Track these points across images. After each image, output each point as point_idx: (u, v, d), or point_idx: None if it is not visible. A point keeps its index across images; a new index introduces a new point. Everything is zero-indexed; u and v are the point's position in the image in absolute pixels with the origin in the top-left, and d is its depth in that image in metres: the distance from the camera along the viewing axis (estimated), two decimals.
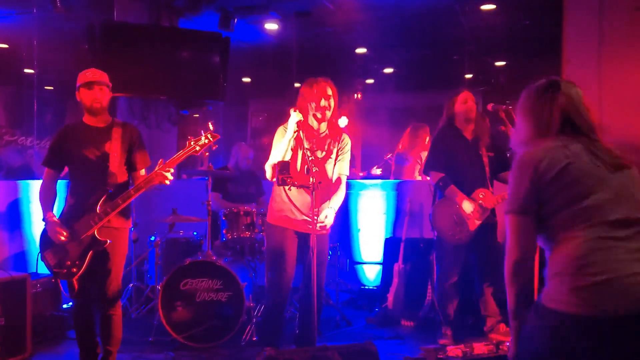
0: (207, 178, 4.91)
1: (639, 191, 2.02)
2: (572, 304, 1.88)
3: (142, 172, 3.64)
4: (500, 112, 4.16)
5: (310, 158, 3.58)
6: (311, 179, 3.41)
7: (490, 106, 4.29)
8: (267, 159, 3.73)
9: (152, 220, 5.50)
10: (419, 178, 6.42)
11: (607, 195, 1.95)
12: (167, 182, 3.42)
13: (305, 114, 3.72)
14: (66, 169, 3.64)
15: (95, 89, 3.49)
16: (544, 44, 8.40)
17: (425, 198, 5.54)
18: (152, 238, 5.16)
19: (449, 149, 4.38)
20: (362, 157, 10.04)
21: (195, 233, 5.38)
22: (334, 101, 3.76)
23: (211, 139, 3.48)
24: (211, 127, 3.59)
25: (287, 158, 3.59)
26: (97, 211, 3.38)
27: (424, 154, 6.71)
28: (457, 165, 4.35)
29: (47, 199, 3.56)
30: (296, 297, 4.64)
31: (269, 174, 3.70)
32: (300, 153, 3.73)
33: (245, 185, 5.58)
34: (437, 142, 4.49)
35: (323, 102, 3.71)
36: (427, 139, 6.63)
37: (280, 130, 3.77)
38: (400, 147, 6.90)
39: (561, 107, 2.08)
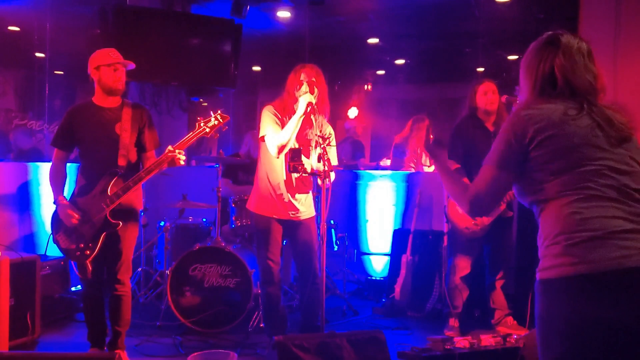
0: (217, 165, 4.90)
1: (638, 163, 1.92)
2: (572, 264, 1.80)
3: (153, 153, 3.64)
4: (514, 104, 4.14)
5: (322, 145, 3.55)
6: (324, 167, 3.39)
7: (504, 98, 4.28)
8: None
9: (161, 206, 5.51)
10: (412, 168, 6.43)
11: (607, 162, 1.86)
12: (182, 162, 3.41)
13: (288, 99, 3.69)
14: (76, 151, 3.64)
15: (119, 70, 3.48)
16: None
17: (435, 190, 5.53)
18: (162, 223, 5.18)
19: (468, 140, 4.36)
20: (371, 148, 10.01)
21: (204, 219, 5.39)
22: (321, 88, 3.68)
23: (221, 120, 3.46)
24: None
25: (294, 140, 3.56)
26: (109, 193, 3.38)
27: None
28: (475, 156, 4.32)
29: (57, 181, 3.56)
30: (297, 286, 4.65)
31: (274, 150, 3.57)
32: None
33: (254, 172, 5.55)
34: (456, 133, 4.46)
35: (305, 88, 3.63)
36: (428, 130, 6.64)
37: (269, 109, 3.69)
38: (398, 139, 6.89)
39: (558, 66, 1.96)
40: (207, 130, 3.44)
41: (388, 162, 7.25)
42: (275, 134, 3.58)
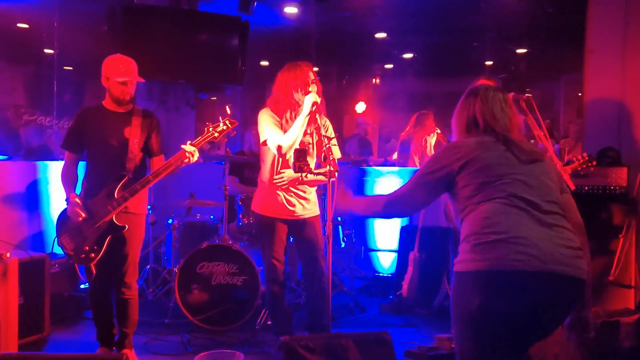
0: (223, 162, 4.91)
1: (549, 179, 2.29)
2: (474, 260, 2.14)
3: (160, 158, 3.65)
4: (520, 101, 4.10)
5: (326, 145, 3.53)
6: (329, 167, 3.39)
7: (511, 95, 4.23)
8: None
9: (169, 204, 5.54)
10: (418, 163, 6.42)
11: (518, 177, 2.23)
12: (194, 158, 3.40)
13: (285, 100, 3.65)
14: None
15: (128, 85, 3.49)
16: (566, 32, 8.26)
17: None
18: (170, 221, 5.20)
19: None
20: (379, 143, 10.00)
21: (212, 217, 5.41)
22: (319, 86, 3.62)
23: (229, 125, 3.47)
24: (228, 111, 3.57)
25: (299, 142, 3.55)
26: (115, 196, 3.39)
27: (429, 138, 6.71)
28: None
29: (68, 181, 3.59)
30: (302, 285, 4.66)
31: (280, 152, 3.55)
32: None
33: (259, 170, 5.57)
34: None
35: (314, 87, 3.56)
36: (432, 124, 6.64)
37: (266, 113, 3.67)
38: (404, 134, 6.90)
39: (478, 111, 2.39)
40: (216, 135, 3.44)
41: (395, 155, 7.26)
42: (278, 136, 3.57)
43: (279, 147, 3.55)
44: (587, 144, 4.93)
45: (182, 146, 3.41)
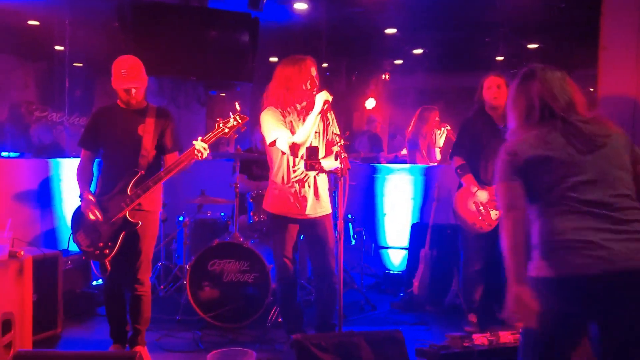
0: (233, 160, 4.91)
1: (616, 166, 2.22)
2: (544, 267, 2.17)
3: (174, 155, 3.66)
4: None
5: (339, 143, 3.52)
6: (340, 165, 3.38)
7: None
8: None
9: (180, 201, 5.56)
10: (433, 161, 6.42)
11: (580, 177, 2.18)
12: (205, 154, 3.38)
13: (286, 96, 3.60)
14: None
15: (131, 90, 3.49)
16: (580, 27, 8.18)
17: (453, 184, 5.49)
18: (181, 218, 5.22)
19: (475, 136, 4.31)
20: (389, 139, 9.97)
21: (222, 214, 5.42)
22: (317, 81, 3.59)
23: (240, 120, 3.46)
24: (238, 107, 3.55)
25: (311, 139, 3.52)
26: (129, 193, 3.42)
27: (437, 132, 6.70)
28: (482, 152, 4.28)
29: (83, 178, 3.62)
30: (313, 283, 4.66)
31: (291, 152, 3.49)
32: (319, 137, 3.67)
33: (268, 167, 5.57)
34: (464, 128, 4.44)
35: (309, 85, 3.55)
36: (437, 119, 6.67)
37: (271, 111, 3.60)
38: (409, 132, 6.89)
39: (537, 95, 2.29)
40: (226, 130, 3.44)
41: (404, 152, 7.25)
42: (288, 135, 3.52)
43: (293, 145, 3.49)
44: None
45: (193, 142, 3.41)
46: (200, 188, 5.17)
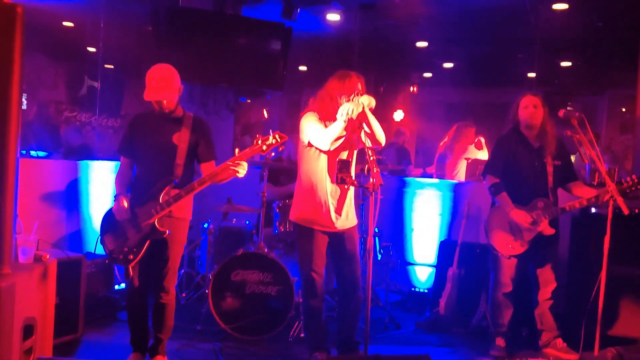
0: (260, 168, 4.86)
1: None
2: None
3: (210, 164, 3.61)
4: (572, 119, 3.97)
5: (371, 158, 3.44)
6: (372, 180, 3.30)
7: (561, 113, 4.08)
8: None
9: (206, 207, 5.51)
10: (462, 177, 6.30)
11: None
12: (242, 173, 3.39)
13: (328, 108, 3.62)
14: None
15: (162, 103, 3.46)
16: (615, 47, 8.02)
17: (483, 201, 5.36)
18: (206, 225, 5.17)
19: (510, 155, 4.23)
20: (417, 153, 9.86)
21: (247, 222, 5.36)
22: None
23: (279, 139, 3.38)
24: (265, 114, 3.53)
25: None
26: (160, 201, 3.38)
27: (471, 147, 6.58)
28: (516, 172, 4.20)
29: (122, 183, 3.61)
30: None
31: (327, 144, 3.53)
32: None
33: (295, 177, 5.51)
34: (498, 147, 4.35)
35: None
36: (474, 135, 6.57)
37: (311, 114, 3.65)
38: (442, 145, 6.80)
39: None
40: (264, 148, 3.37)
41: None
42: (322, 130, 3.54)
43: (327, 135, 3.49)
44: (637, 163, 4.74)
45: (228, 163, 3.36)
46: (227, 195, 5.11)
